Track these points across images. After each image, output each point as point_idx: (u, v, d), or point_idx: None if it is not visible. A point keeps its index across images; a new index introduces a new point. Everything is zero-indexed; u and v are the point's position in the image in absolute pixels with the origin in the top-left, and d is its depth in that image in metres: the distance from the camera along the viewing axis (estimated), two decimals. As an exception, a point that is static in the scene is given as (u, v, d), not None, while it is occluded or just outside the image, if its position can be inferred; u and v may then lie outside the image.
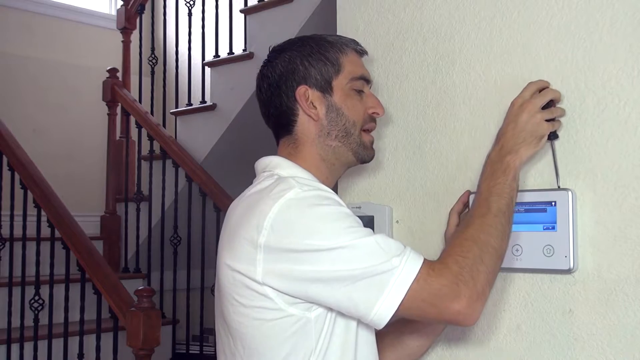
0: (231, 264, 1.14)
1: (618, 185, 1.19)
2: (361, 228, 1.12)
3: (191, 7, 3.70)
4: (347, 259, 1.07)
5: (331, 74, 1.25)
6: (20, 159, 2.98)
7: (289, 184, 1.14)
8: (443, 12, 1.42)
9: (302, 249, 1.08)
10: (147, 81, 3.90)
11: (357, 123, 1.26)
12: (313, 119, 1.24)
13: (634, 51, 1.18)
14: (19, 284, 2.98)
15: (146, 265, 3.58)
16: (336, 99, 1.25)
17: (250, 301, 1.12)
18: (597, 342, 1.20)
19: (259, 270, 1.10)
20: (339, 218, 1.11)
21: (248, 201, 1.18)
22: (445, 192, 1.39)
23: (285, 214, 1.10)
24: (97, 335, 2.78)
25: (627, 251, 1.18)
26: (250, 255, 1.11)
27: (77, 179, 4.34)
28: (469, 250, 1.11)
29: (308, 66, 1.25)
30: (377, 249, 1.08)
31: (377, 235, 1.11)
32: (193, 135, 3.65)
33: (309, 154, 1.25)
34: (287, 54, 1.27)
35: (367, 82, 1.29)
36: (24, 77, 4.33)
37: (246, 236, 1.12)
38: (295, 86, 1.25)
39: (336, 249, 1.08)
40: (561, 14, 1.26)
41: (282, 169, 1.23)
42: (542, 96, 1.22)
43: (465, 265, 1.09)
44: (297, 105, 1.25)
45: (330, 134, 1.25)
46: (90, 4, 4.79)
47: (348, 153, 1.26)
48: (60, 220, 2.83)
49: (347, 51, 1.27)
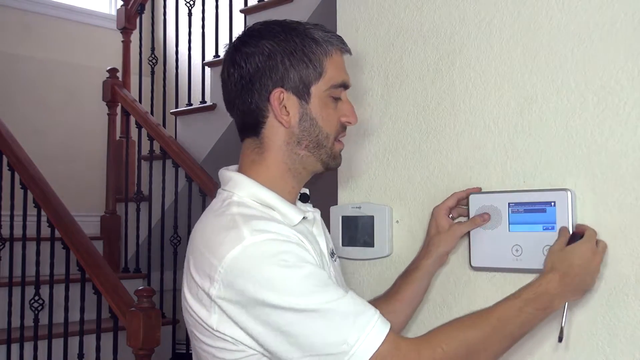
0: (189, 302, 1.10)
1: (618, 185, 1.19)
2: (322, 288, 1.03)
3: (191, 7, 3.70)
4: (297, 328, 1.01)
5: (311, 79, 1.15)
6: (20, 159, 2.98)
7: (240, 233, 1.05)
8: (443, 12, 1.42)
9: (254, 300, 1.02)
10: (147, 81, 3.89)
11: (331, 135, 1.18)
12: (284, 125, 1.15)
13: (634, 51, 1.18)
14: (19, 284, 2.97)
15: (146, 265, 3.58)
16: (312, 107, 1.16)
17: (212, 341, 1.09)
18: (597, 342, 1.20)
19: (214, 318, 1.06)
20: (295, 274, 1.03)
21: (204, 232, 1.12)
22: (445, 192, 1.39)
23: (237, 268, 1.03)
24: (97, 335, 2.77)
25: (627, 251, 1.18)
26: (205, 301, 1.07)
27: (77, 179, 4.34)
28: (456, 348, 1.05)
29: (289, 67, 1.14)
30: (336, 322, 1.01)
31: (341, 299, 1.03)
32: (193, 135, 3.65)
33: (274, 162, 1.17)
34: (267, 45, 1.15)
35: (345, 88, 1.21)
36: (24, 77, 4.33)
37: (199, 282, 1.07)
38: (270, 86, 1.14)
39: (289, 310, 1.01)
40: (561, 14, 1.26)
41: (241, 189, 1.15)
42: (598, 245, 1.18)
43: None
44: (269, 107, 1.15)
45: (301, 143, 1.16)
46: (90, 4, 4.78)
47: (316, 163, 1.19)
48: (60, 220, 2.82)
49: (331, 52, 1.18)
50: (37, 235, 2.93)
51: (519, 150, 1.30)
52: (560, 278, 1.13)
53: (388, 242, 1.46)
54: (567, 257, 1.15)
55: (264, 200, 1.15)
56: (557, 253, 1.17)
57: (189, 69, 3.72)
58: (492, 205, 1.30)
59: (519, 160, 1.30)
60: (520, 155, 1.30)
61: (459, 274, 1.37)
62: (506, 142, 1.32)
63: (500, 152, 1.33)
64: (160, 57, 3.93)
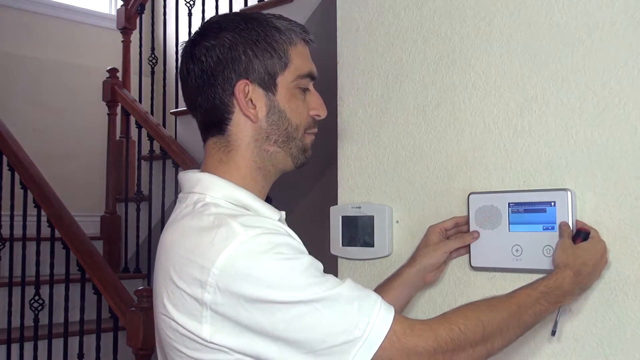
0: (173, 316, 1.02)
1: (618, 185, 1.19)
2: (321, 278, 0.99)
3: (191, 7, 3.70)
4: (305, 321, 0.96)
5: (277, 69, 1.09)
6: (20, 159, 2.98)
7: (231, 229, 0.99)
8: (443, 12, 1.42)
9: (256, 300, 0.96)
10: (147, 81, 3.89)
11: (300, 127, 1.12)
12: (251, 119, 1.09)
13: (634, 51, 1.18)
14: (19, 284, 2.97)
15: (146, 265, 3.58)
16: (280, 99, 1.10)
17: (204, 354, 1.00)
18: (597, 342, 1.20)
19: (206, 329, 0.98)
20: (294, 266, 0.98)
21: (183, 237, 1.03)
22: (445, 192, 1.39)
23: (233, 268, 0.96)
24: (97, 335, 2.77)
25: (627, 251, 1.18)
26: (195, 311, 0.99)
27: (77, 179, 4.34)
28: (474, 329, 1.04)
29: (252, 57, 1.07)
30: (342, 309, 0.97)
31: (342, 286, 0.99)
32: (193, 135, 3.63)
33: (243, 162, 1.11)
34: (227, 37, 1.08)
35: (312, 79, 1.14)
36: (24, 77, 4.33)
37: (187, 290, 0.99)
38: (234, 79, 1.08)
39: (294, 304, 0.96)
40: (561, 14, 1.26)
41: (213, 190, 1.08)
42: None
43: (457, 339, 1.01)
44: (234, 102, 1.08)
45: (270, 138, 1.10)
46: (90, 4, 4.78)
47: (287, 159, 1.12)
48: (60, 220, 2.83)
49: (295, 41, 1.11)
50: (37, 235, 2.94)
51: (519, 150, 1.30)
52: (575, 275, 1.14)
53: (388, 242, 1.46)
54: (581, 255, 1.16)
55: (240, 200, 1.08)
56: (569, 249, 1.17)
57: (189, 69, 3.72)
58: (492, 205, 1.30)
59: (519, 160, 1.30)
60: (520, 155, 1.30)
61: (459, 274, 1.37)
62: (506, 142, 1.32)
63: (500, 152, 1.33)
64: (160, 57, 3.93)
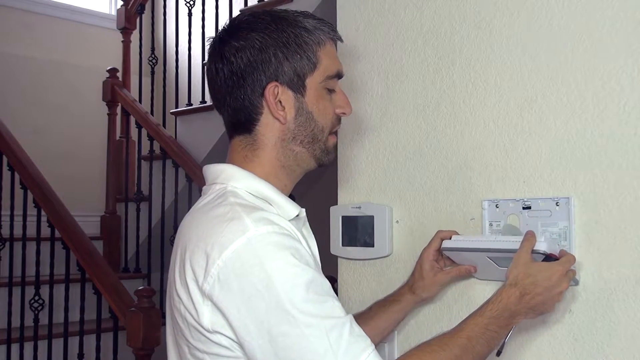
0: (183, 300, 1.03)
1: (618, 185, 1.19)
2: (322, 297, 0.98)
3: (191, 7, 3.70)
4: (289, 341, 0.95)
5: (306, 71, 1.10)
6: (20, 159, 2.98)
7: (242, 224, 0.99)
8: (443, 12, 1.42)
9: (250, 298, 0.96)
10: (147, 81, 3.89)
11: (326, 128, 1.14)
12: (280, 121, 1.10)
13: (633, 51, 1.18)
14: (19, 284, 2.98)
15: (146, 265, 3.58)
16: (308, 101, 1.11)
17: (205, 347, 1.02)
18: (597, 342, 1.20)
19: (207, 318, 1.00)
20: (297, 274, 0.97)
21: (198, 224, 1.06)
22: (445, 192, 1.39)
23: (237, 262, 0.97)
24: (97, 335, 2.78)
25: (627, 251, 1.18)
26: (197, 298, 1.00)
27: (77, 179, 4.33)
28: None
29: (282, 59, 1.09)
30: (329, 343, 0.95)
31: (340, 319, 0.97)
32: (193, 135, 3.64)
33: (268, 160, 1.12)
34: (257, 38, 1.09)
35: (339, 78, 1.16)
36: (24, 77, 4.33)
37: (194, 277, 1.01)
38: (264, 81, 1.09)
39: (285, 317, 0.95)
40: (561, 14, 1.26)
41: (236, 180, 1.10)
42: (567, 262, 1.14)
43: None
44: (263, 103, 1.10)
45: (296, 139, 1.12)
46: (90, 4, 4.78)
47: (310, 159, 1.15)
48: (60, 220, 2.83)
49: (324, 41, 1.13)
50: (37, 235, 2.94)
51: (519, 150, 1.30)
52: (521, 295, 1.10)
53: (388, 242, 1.46)
54: (532, 274, 1.11)
55: (261, 192, 1.09)
56: (523, 266, 1.12)
57: (189, 69, 3.72)
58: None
59: (518, 160, 1.30)
60: (520, 155, 1.30)
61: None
62: (506, 142, 1.32)
63: (500, 152, 1.33)
64: (160, 57, 3.93)
